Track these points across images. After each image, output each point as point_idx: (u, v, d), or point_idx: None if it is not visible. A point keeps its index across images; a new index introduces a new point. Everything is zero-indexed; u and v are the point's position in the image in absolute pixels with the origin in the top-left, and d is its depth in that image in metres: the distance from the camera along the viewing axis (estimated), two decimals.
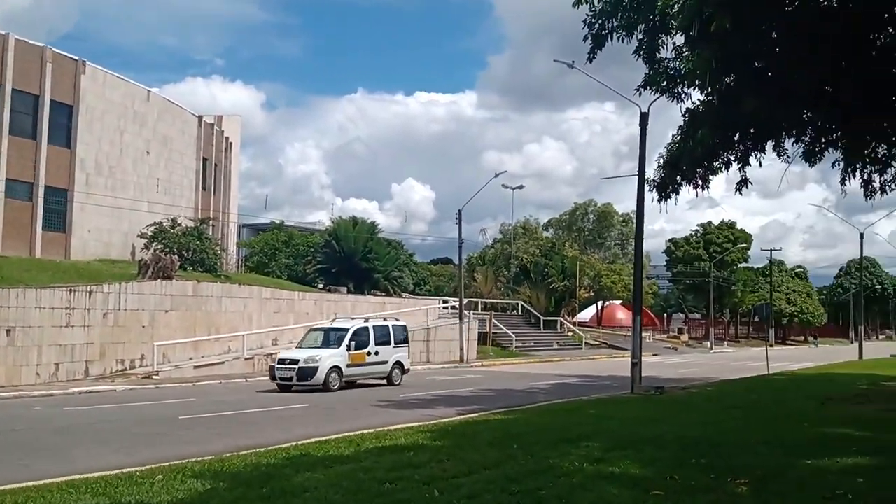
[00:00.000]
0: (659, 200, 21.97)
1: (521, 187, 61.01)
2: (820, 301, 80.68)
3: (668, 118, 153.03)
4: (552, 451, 9.38)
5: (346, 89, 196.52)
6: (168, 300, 24.89)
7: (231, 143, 43.48)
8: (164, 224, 30.56)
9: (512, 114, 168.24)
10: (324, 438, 11.16)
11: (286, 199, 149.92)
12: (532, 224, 78.14)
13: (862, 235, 42.29)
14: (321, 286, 41.06)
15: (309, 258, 43.55)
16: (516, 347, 39.95)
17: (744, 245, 62.88)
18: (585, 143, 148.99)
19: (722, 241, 61.44)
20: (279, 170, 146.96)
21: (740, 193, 22.34)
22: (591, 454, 9.21)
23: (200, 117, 38.68)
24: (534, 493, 7.08)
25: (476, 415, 14.37)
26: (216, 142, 40.42)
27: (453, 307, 38.47)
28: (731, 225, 64.01)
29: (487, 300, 50.27)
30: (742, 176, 22.04)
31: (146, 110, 33.97)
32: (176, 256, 27.46)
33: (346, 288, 37.62)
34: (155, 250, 28.84)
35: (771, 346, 61.45)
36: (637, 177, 20.14)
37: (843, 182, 24.52)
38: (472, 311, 36.84)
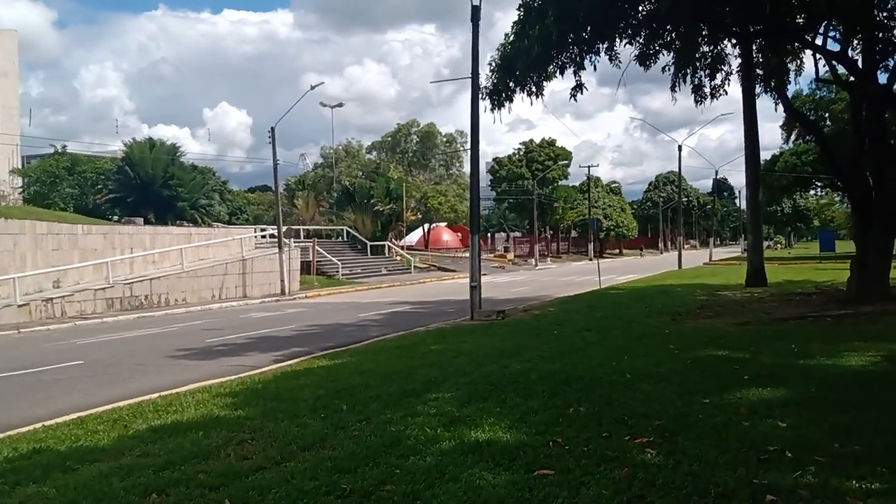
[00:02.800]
0: (492, 109, 20.16)
1: (340, 105, 57.49)
2: (632, 215, 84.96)
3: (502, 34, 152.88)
4: (394, 411, 7.16)
5: (145, 5, 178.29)
6: None
7: None
8: None
9: (331, 35, 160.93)
10: (84, 414, 8.24)
11: (85, 128, 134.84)
12: (354, 147, 75.12)
13: (680, 148, 43.98)
14: (117, 218, 36.02)
15: (100, 187, 38.01)
16: (343, 275, 37.55)
17: (565, 162, 63.87)
18: (407, 66, 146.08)
19: (543, 158, 61.92)
20: (75, 95, 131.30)
21: (575, 100, 21.09)
22: (444, 410, 7.09)
23: None
24: (375, 491, 4.81)
25: (297, 361, 11.88)
26: None
27: (272, 236, 35.19)
28: (552, 143, 64.62)
29: (310, 227, 47.19)
30: (577, 81, 20.92)
31: None
32: None
33: (142, 219, 33.05)
34: None
35: (590, 259, 63.80)
36: (470, 80, 17.98)
37: (673, 88, 24.05)
38: (293, 239, 33.75)
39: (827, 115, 47.91)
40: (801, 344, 10.36)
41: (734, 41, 21.92)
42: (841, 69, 19.33)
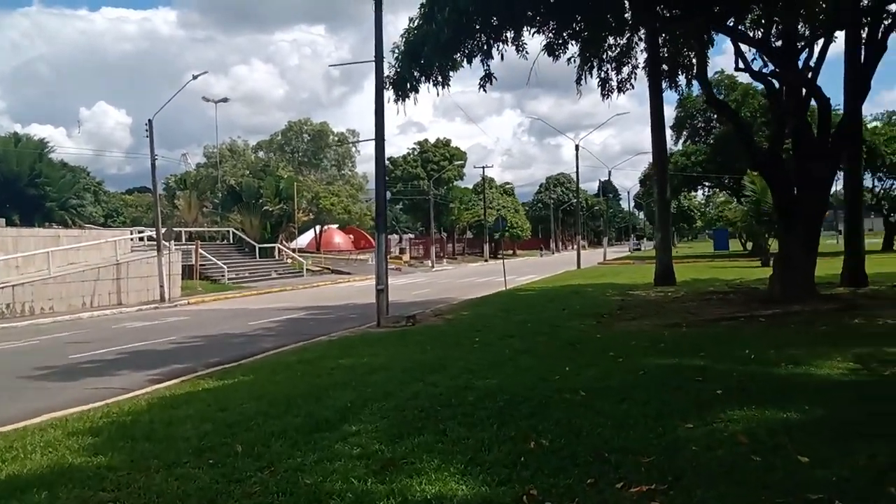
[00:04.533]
0: (396, 100, 18.63)
1: (224, 100, 54.33)
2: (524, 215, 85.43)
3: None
4: (305, 453, 5.53)
5: (18, 2, 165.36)
6: None
7: None
8: None
9: (216, 34, 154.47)
10: None
11: None
12: (240, 146, 71.61)
13: (577, 148, 43.92)
14: None
15: None
16: (230, 280, 34.92)
17: (460, 162, 63.06)
18: (296, 66, 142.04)
19: (439, 158, 60.91)
20: None
21: (484, 90, 19.89)
22: (370, 449, 5.51)
23: None
24: None
25: (177, 382, 9.90)
26: None
27: (150, 238, 32.18)
28: (447, 143, 63.76)
29: (193, 229, 44.00)
30: (486, 70, 19.76)
31: None
32: None
33: (4, 220, 29.46)
34: None
35: (486, 260, 63.29)
36: (374, 63, 16.38)
37: (578, 81, 23.32)
38: (173, 242, 30.89)
39: (714, 116, 49.32)
40: (753, 349, 9.39)
41: (641, 32, 21.41)
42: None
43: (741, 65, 17.26)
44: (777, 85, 16.31)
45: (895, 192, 52.52)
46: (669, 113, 61.64)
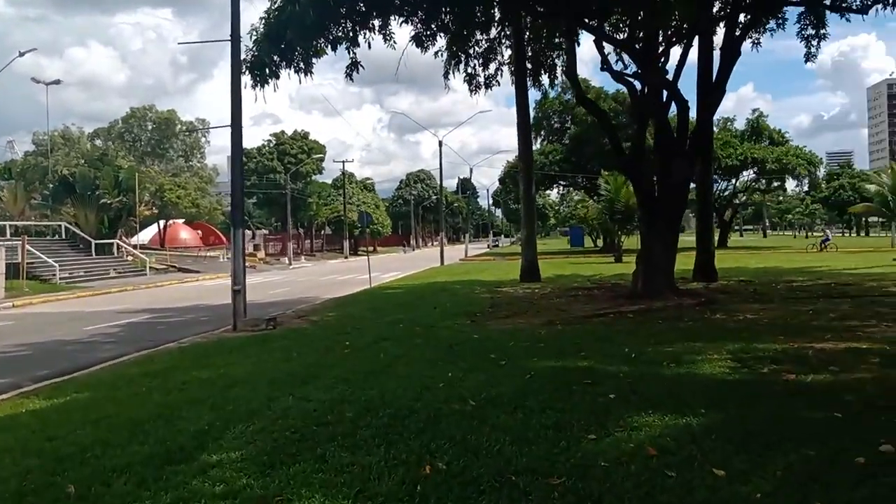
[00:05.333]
0: (255, 86, 17.38)
1: (57, 82, 49.51)
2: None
3: None
4: (157, 493, 4.59)
5: None
6: None
7: None
8: None
9: (51, 13, 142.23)
10: None
11: None
12: (74, 134, 66.06)
13: (441, 143, 43.73)
14: None
15: None
16: (62, 279, 31.75)
17: (319, 156, 61.31)
18: (139, 50, 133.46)
19: (297, 151, 58.92)
20: None
21: (351, 79, 19.07)
22: (237, 485, 4.65)
23: None
24: None
25: None
26: None
27: None
28: (305, 135, 61.83)
29: (19, 223, 39.90)
30: (352, 58, 18.94)
31: None
32: None
33: None
34: None
35: (346, 257, 62.04)
36: (230, 43, 15.08)
37: (446, 75, 23.00)
38: None
39: (569, 118, 51.02)
40: (631, 347, 9.24)
41: (508, 28, 21.36)
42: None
43: (604, 66, 17.49)
44: (639, 86, 16.62)
45: (727, 193, 56.70)
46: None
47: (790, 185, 63.66)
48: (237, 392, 7.48)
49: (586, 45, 51.51)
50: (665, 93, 15.90)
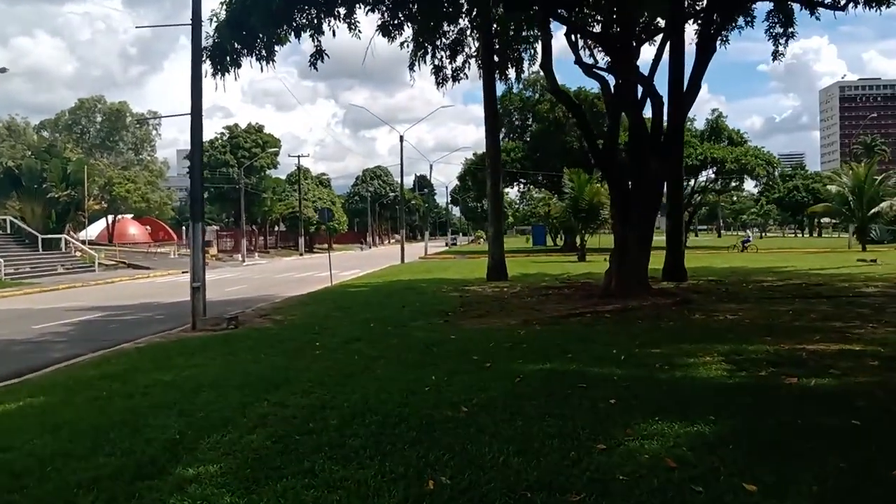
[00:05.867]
0: (214, 74, 16.72)
1: (3, 70, 47.29)
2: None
3: None
4: None
5: None
6: None
7: None
8: None
9: None
10: None
11: None
12: (20, 125, 63.66)
13: (402, 138, 43.21)
14: None
15: None
16: (7, 276, 30.34)
17: (274, 150, 60.03)
18: (88, 41, 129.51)
19: (251, 145, 57.60)
20: None
21: (315, 69, 18.48)
22: None
23: None
24: None
25: None
26: None
27: None
28: (260, 128, 60.47)
29: None
30: (316, 46, 18.38)
31: None
32: None
33: None
34: None
35: (301, 254, 60.96)
36: (191, 27, 14.35)
37: (411, 67, 22.51)
38: None
39: (530, 115, 50.86)
40: (618, 348, 8.89)
41: (476, 20, 21.00)
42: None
43: (577, 60, 17.22)
44: (613, 81, 16.39)
45: (686, 192, 57.21)
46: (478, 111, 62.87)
47: (748, 185, 64.77)
48: (206, 397, 6.90)
49: (554, 44, 51.46)
50: (640, 89, 15.69)
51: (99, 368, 9.07)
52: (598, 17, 18.08)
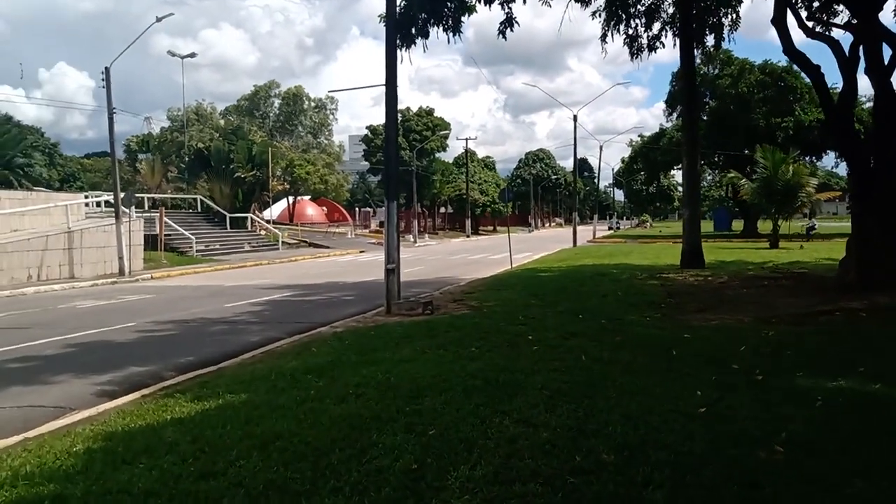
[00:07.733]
0: (401, 46, 16.00)
1: (192, 55, 50.34)
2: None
3: None
4: None
5: None
6: None
7: None
8: None
9: None
10: None
11: None
12: (207, 110, 67.65)
13: (575, 118, 41.67)
14: None
15: None
16: (198, 252, 31.88)
17: (444, 133, 60.00)
18: (268, 33, 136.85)
19: (421, 128, 57.85)
20: None
21: (504, 38, 17.36)
22: None
23: None
24: None
25: (134, 398, 7.19)
26: None
27: (108, 203, 29.06)
28: (430, 112, 60.61)
29: (156, 195, 40.74)
30: (507, 14, 17.26)
31: None
32: None
33: None
34: None
35: (468, 236, 60.68)
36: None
37: (604, 38, 20.77)
38: (135, 209, 27.75)
39: (708, 93, 47.15)
40: None
41: None
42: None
43: (799, 22, 14.85)
44: (850, 40, 13.89)
45: None
46: (664, 88, 59.35)
47: None
48: (430, 404, 5.82)
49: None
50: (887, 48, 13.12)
51: (300, 359, 8.35)
52: None
